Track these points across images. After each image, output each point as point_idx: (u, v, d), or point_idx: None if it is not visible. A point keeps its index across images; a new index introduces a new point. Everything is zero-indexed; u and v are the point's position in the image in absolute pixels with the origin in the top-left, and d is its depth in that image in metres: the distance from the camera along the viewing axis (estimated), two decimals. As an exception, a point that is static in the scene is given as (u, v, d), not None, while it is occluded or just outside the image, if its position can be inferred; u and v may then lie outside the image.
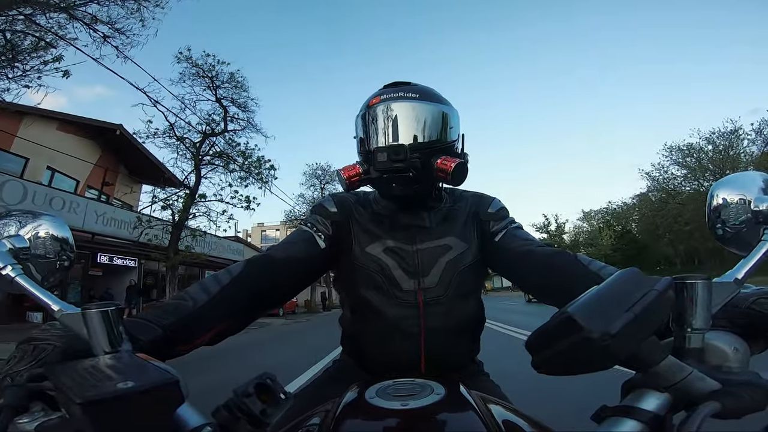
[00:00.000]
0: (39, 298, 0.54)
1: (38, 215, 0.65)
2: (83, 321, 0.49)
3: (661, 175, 31.12)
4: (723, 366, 0.42)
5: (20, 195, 11.16)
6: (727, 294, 0.45)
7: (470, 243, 0.93)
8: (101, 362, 0.40)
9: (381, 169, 0.84)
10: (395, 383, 0.60)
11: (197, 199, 12.44)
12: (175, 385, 0.37)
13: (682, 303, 0.42)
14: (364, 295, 0.90)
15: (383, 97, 0.89)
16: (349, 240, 0.92)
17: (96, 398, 0.32)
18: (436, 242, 0.91)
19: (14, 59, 7.36)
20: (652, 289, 0.36)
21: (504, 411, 0.56)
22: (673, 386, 0.39)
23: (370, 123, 0.89)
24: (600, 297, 0.36)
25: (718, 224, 0.56)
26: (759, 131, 26.29)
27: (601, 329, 0.33)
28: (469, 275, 0.91)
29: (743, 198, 0.54)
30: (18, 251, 0.59)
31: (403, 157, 0.82)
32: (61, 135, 13.76)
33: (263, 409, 0.39)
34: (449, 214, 0.95)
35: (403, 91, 0.89)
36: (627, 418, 0.39)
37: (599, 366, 0.35)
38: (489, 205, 0.97)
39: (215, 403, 0.40)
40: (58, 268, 0.64)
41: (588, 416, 0.43)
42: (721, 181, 0.58)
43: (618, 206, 46.09)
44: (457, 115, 0.94)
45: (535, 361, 0.39)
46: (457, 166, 0.83)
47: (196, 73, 12.40)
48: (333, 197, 0.97)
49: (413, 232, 0.92)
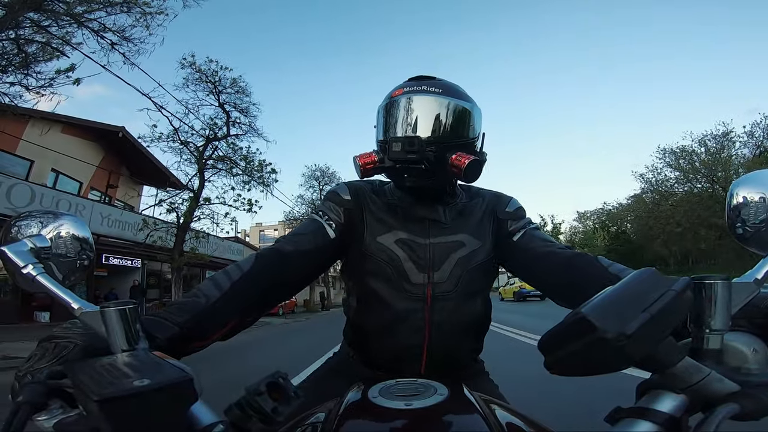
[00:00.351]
0: (60, 296, 0.55)
1: (59, 215, 0.66)
2: (102, 319, 0.50)
3: (655, 177, 31.52)
4: (742, 367, 0.41)
5: (28, 198, 11.34)
6: (746, 294, 0.44)
7: (484, 241, 0.92)
8: (119, 360, 0.41)
9: (394, 158, 0.84)
10: (398, 383, 0.60)
11: (201, 203, 12.73)
12: (189, 383, 0.37)
13: (700, 303, 0.41)
14: (372, 285, 0.89)
15: (406, 89, 0.88)
16: (362, 228, 0.91)
17: (112, 395, 0.33)
18: (450, 238, 0.90)
19: (27, 66, 7.62)
20: (670, 290, 0.36)
21: (506, 413, 0.56)
22: (690, 388, 0.39)
23: (390, 114, 0.89)
24: (615, 297, 0.36)
25: (738, 223, 0.55)
26: (751, 134, 26.68)
27: (617, 330, 0.33)
28: (479, 273, 0.90)
29: (764, 197, 0.53)
30: (39, 250, 0.60)
31: (417, 148, 0.82)
32: (65, 137, 13.94)
33: (275, 407, 0.40)
34: (464, 210, 0.95)
35: (427, 85, 0.88)
36: (641, 420, 0.39)
37: (614, 367, 0.35)
38: (507, 204, 0.97)
39: (220, 400, 0.42)
40: (78, 267, 0.65)
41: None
42: (741, 179, 0.57)
43: (613, 207, 46.42)
44: (480, 114, 0.93)
45: (548, 361, 0.39)
46: (470, 162, 0.83)
47: (199, 78, 12.68)
48: (348, 185, 0.96)
49: (427, 226, 0.91)
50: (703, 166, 27.48)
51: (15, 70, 7.50)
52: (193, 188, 12.74)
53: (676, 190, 30.60)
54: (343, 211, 0.91)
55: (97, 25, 8.09)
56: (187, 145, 12.85)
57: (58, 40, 7.76)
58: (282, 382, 0.41)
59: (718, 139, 27.29)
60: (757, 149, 26.34)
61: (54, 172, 14.32)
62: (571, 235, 52.60)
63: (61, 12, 7.55)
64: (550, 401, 3.19)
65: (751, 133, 26.51)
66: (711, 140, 27.50)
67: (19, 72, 7.61)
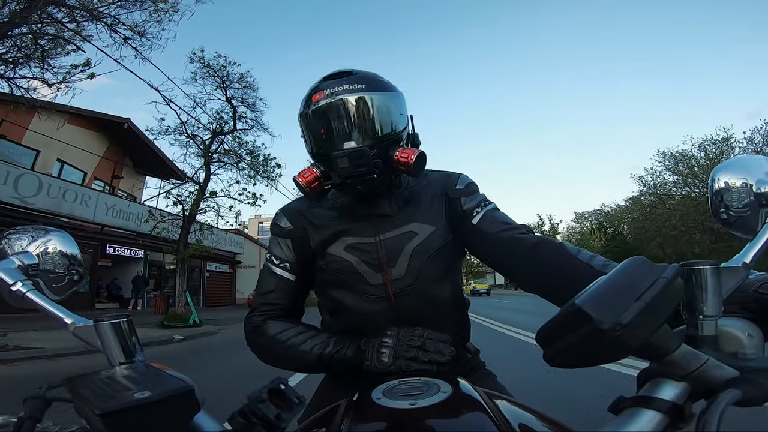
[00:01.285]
0: (51, 312, 0.55)
1: (47, 231, 0.66)
2: (96, 333, 0.50)
3: (653, 180, 31.68)
4: (738, 353, 0.41)
5: (35, 188, 11.44)
6: (735, 279, 0.44)
7: (437, 225, 0.89)
8: (117, 373, 0.41)
9: (345, 175, 0.81)
10: (401, 383, 0.59)
11: (207, 195, 12.83)
12: (190, 393, 0.37)
13: (691, 290, 0.42)
14: (336, 296, 0.89)
15: (327, 91, 0.82)
16: (311, 248, 0.90)
17: (115, 409, 0.33)
18: (399, 230, 0.87)
19: (43, 60, 7.69)
20: (661, 277, 0.36)
21: (511, 406, 0.56)
22: (690, 375, 0.39)
23: (319, 122, 0.83)
24: (608, 287, 0.36)
25: (722, 208, 0.55)
26: (750, 140, 26.81)
27: (612, 319, 0.33)
28: (439, 259, 0.87)
29: (745, 182, 0.54)
30: (27, 267, 0.60)
31: (365, 161, 0.79)
32: (71, 128, 13.98)
33: (278, 413, 0.40)
34: (412, 197, 0.91)
35: (348, 82, 0.82)
36: (646, 409, 0.39)
37: (612, 357, 0.35)
38: (457, 181, 0.93)
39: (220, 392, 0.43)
40: (67, 283, 0.65)
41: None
42: (722, 165, 0.57)
43: (611, 208, 46.62)
44: (403, 97, 0.89)
45: (547, 354, 0.39)
46: (417, 157, 0.82)
47: (207, 73, 12.72)
48: (284, 211, 0.95)
49: (374, 222, 0.88)
50: (701, 171, 27.64)
51: (33, 64, 7.58)
52: (198, 181, 12.84)
53: (674, 194, 30.77)
54: (291, 242, 0.91)
55: (110, 20, 8.16)
56: (193, 139, 12.93)
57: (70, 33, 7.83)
58: (284, 389, 0.42)
59: (717, 144, 27.34)
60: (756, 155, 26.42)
61: (59, 162, 14.42)
62: (569, 235, 52.83)
63: (78, 6, 7.62)
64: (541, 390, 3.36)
65: (750, 139, 26.60)
66: (711, 145, 27.59)
67: (36, 66, 7.70)
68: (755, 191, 0.53)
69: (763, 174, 0.54)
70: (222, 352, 7.19)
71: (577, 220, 52.58)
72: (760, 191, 0.53)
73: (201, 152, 12.98)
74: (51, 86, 7.51)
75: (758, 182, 0.53)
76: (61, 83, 7.48)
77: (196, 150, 13.05)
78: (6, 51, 7.39)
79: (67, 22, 7.58)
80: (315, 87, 0.85)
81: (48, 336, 7.26)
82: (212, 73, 12.65)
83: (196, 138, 12.97)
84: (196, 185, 12.83)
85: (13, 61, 7.51)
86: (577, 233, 50.90)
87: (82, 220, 13.09)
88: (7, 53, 7.42)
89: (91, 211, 13.22)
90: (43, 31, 7.57)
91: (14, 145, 12.63)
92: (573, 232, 52.79)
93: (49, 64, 7.52)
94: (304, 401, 0.43)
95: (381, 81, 0.87)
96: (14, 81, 7.60)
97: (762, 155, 0.56)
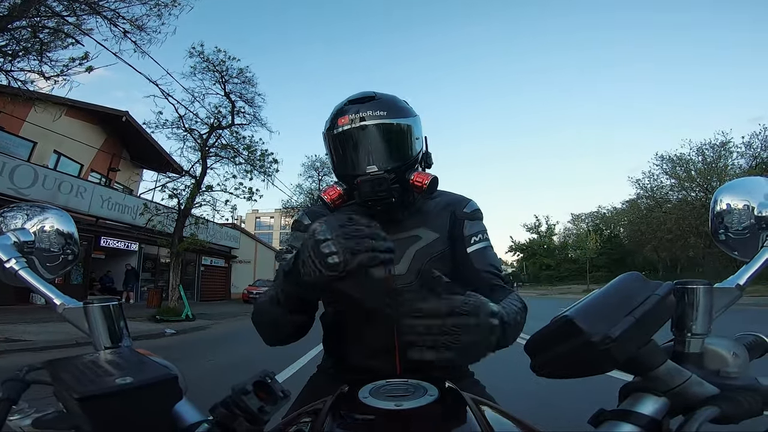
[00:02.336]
0: (42, 291, 0.54)
1: (45, 209, 0.65)
2: (85, 315, 0.49)
3: (650, 184, 31.74)
4: (722, 371, 0.42)
5: (31, 179, 11.40)
6: (728, 299, 0.45)
7: (440, 233, 0.96)
8: (101, 357, 0.40)
9: (365, 198, 0.88)
10: (388, 383, 0.60)
11: (203, 189, 12.84)
12: (173, 381, 0.37)
13: (683, 308, 0.42)
14: (340, 288, 0.93)
15: (351, 116, 0.89)
16: None
17: (94, 393, 0.32)
18: (406, 233, 0.95)
19: (41, 53, 7.68)
20: (654, 294, 0.36)
21: (495, 414, 0.56)
22: (671, 390, 0.39)
23: (344, 145, 0.91)
24: (600, 301, 0.37)
25: (721, 229, 0.55)
26: (749, 144, 26.83)
27: (602, 333, 0.33)
28: (439, 263, 0.94)
29: (747, 204, 0.54)
30: (23, 244, 0.59)
31: (385, 187, 0.86)
32: (68, 120, 13.93)
33: (261, 406, 0.39)
34: (421, 208, 0.99)
35: (371, 108, 0.89)
36: (624, 422, 0.39)
37: (599, 369, 0.36)
38: (466, 205, 1.01)
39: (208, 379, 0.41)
40: (61, 262, 0.65)
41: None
42: (725, 186, 0.57)
43: (608, 211, 46.70)
44: (419, 121, 0.97)
45: (534, 363, 0.39)
46: (431, 181, 0.89)
47: (206, 68, 12.71)
48: (306, 213, 1.03)
49: (384, 226, 0.91)
50: (698, 175, 27.69)
51: (32, 57, 7.57)
52: (195, 175, 12.84)
53: (671, 198, 30.83)
54: None
55: (110, 13, 8.14)
56: (191, 133, 12.92)
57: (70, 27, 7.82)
58: (269, 382, 0.41)
59: (716, 148, 27.40)
60: (754, 160, 26.43)
61: (56, 154, 14.37)
62: (565, 236, 53.01)
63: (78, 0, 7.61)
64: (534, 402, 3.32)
65: (749, 143, 26.66)
66: (708, 149, 27.65)
67: (34, 59, 7.69)
68: (756, 214, 0.53)
69: (764, 197, 0.53)
70: (212, 347, 7.20)
71: (574, 221, 52.74)
72: (761, 214, 0.53)
73: (198, 146, 12.98)
74: (48, 79, 7.51)
75: (760, 205, 0.53)
76: (59, 76, 7.48)
77: (193, 144, 13.06)
78: (5, 44, 7.38)
79: (67, 15, 7.57)
80: (340, 109, 0.92)
81: (39, 329, 7.23)
82: (211, 67, 12.67)
83: (193, 132, 12.97)
84: (193, 179, 12.83)
85: (12, 54, 7.50)
86: (574, 235, 51.02)
87: (76, 212, 13.04)
88: (6, 46, 7.41)
89: (86, 203, 13.18)
90: (42, 24, 7.55)
91: (11, 137, 12.59)
92: (569, 233, 52.91)
93: (47, 56, 7.52)
94: (289, 396, 0.43)
95: (401, 107, 0.94)
96: (11, 74, 7.59)
97: (764, 177, 0.56)
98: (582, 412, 0.45)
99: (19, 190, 10.96)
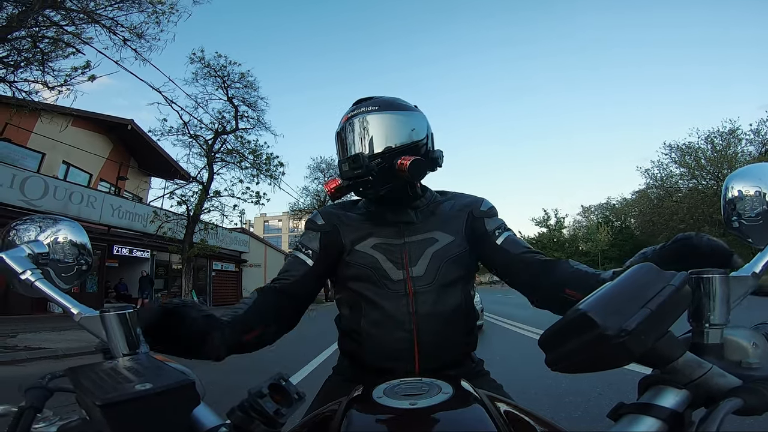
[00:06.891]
0: (58, 301, 0.55)
1: (57, 220, 0.66)
2: (102, 324, 0.50)
3: (660, 173, 31.42)
4: (743, 362, 0.41)
5: (42, 190, 11.51)
6: (744, 288, 0.44)
7: (456, 235, 0.99)
8: (120, 364, 0.41)
9: (345, 177, 0.94)
10: (402, 382, 0.59)
11: (211, 195, 12.92)
12: (191, 386, 0.37)
13: (699, 298, 0.42)
14: (357, 289, 0.96)
15: (350, 114, 0.98)
16: (341, 243, 0.99)
17: (115, 400, 0.33)
18: (423, 235, 0.98)
19: (43, 63, 7.75)
20: (669, 284, 0.36)
21: (511, 409, 0.56)
22: (692, 383, 0.39)
23: (342, 141, 0.99)
24: (614, 293, 0.36)
25: (734, 217, 0.55)
26: (757, 131, 26.51)
27: (617, 326, 0.33)
28: (456, 265, 0.97)
29: (759, 190, 0.53)
30: (37, 256, 0.60)
31: (359, 164, 0.90)
32: (75, 130, 14.07)
33: (277, 409, 0.40)
34: (436, 210, 1.03)
35: (365, 106, 0.97)
36: (645, 416, 0.38)
37: (615, 363, 0.35)
38: (481, 204, 1.04)
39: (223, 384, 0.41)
40: (76, 272, 0.66)
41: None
42: (736, 173, 0.57)
43: (617, 202, 46.27)
44: (421, 117, 1.01)
45: (549, 359, 0.39)
46: (411, 163, 0.90)
47: (208, 73, 12.77)
48: (320, 212, 1.06)
49: (401, 228, 0.99)
50: (708, 163, 27.36)
51: (34, 67, 7.64)
52: (202, 180, 12.92)
53: (681, 187, 30.50)
54: (320, 236, 1.01)
55: (109, 22, 8.20)
56: (196, 139, 13.01)
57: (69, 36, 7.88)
58: (284, 384, 0.42)
59: (724, 136, 27.13)
60: (763, 147, 26.19)
61: (65, 164, 14.51)
62: (575, 229, 52.57)
63: (76, 9, 7.66)
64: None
65: (757, 130, 26.34)
66: (717, 137, 27.34)
67: (37, 69, 7.76)
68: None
69: None
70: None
71: (584, 213, 52.33)
72: None
73: (204, 152, 13.06)
74: (52, 89, 7.60)
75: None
76: (62, 86, 7.56)
77: (199, 150, 13.16)
78: (6, 55, 7.46)
79: (65, 24, 7.63)
80: (346, 112, 1.00)
81: (58, 337, 7.30)
82: (213, 73, 12.77)
83: (198, 138, 13.07)
84: (200, 185, 12.90)
85: (14, 65, 7.58)
86: (584, 227, 50.61)
87: (88, 222, 13.18)
88: (8, 57, 7.49)
89: (98, 212, 13.30)
90: (41, 34, 7.62)
91: (19, 148, 12.71)
92: (579, 225, 52.48)
93: (49, 67, 7.61)
94: (304, 397, 0.43)
95: (397, 103, 1.00)
96: (15, 85, 7.67)
97: None
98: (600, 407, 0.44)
99: (30, 202, 11.08)
